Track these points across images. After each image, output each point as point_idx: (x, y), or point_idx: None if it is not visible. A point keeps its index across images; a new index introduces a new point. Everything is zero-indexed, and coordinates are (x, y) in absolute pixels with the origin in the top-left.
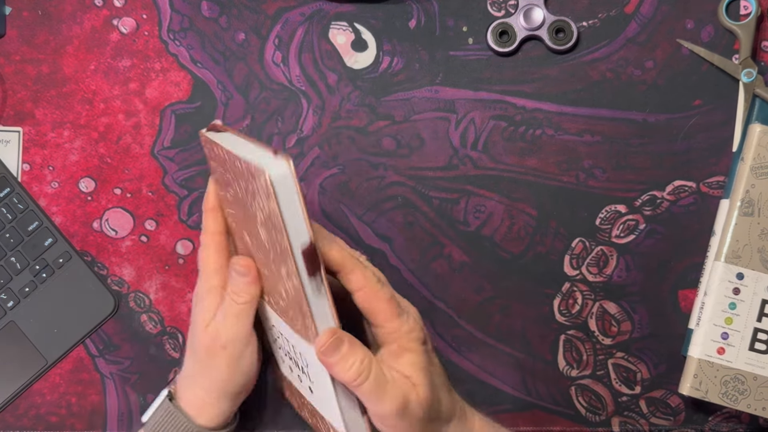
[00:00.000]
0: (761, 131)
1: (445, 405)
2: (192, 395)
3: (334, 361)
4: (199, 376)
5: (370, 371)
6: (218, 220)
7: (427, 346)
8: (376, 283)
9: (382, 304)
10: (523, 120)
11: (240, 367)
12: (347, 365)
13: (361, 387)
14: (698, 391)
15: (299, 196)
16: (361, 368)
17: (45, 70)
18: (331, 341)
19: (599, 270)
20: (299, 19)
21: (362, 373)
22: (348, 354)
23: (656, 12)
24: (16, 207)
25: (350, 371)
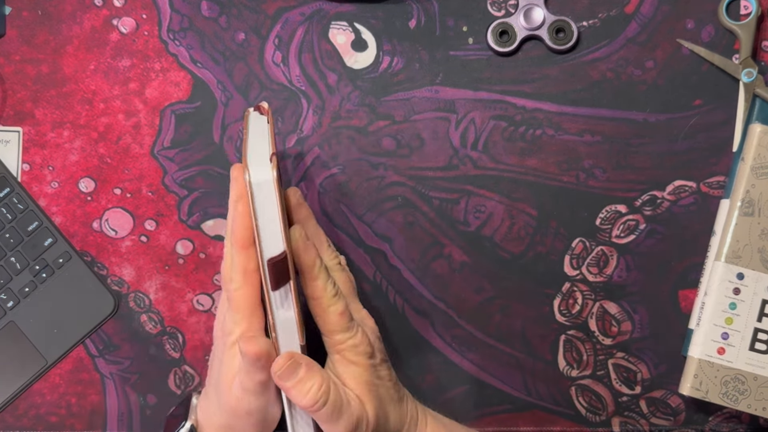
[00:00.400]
0: (761, 131)
1: (393, 419)
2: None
3: (290, 385)
4: (226, 425)
5: (327, 396)
6: (251, 257)
7: (374, 359)
8: (331, 298)
9: (332, 317)
10: (523, 120)
11: (267, 420)
12: (304, 390)
13: (318, 412)
14: (698, 391)
15: (278, 206)
16: (318, 394)
17: (45, 70)
18: (287, 365)
19: (599, 270)
20: (299, 18)
21: (320, 399)
22: (305, 378)
23: (656, 12)
24: (15, 207)
25: (307, 396)
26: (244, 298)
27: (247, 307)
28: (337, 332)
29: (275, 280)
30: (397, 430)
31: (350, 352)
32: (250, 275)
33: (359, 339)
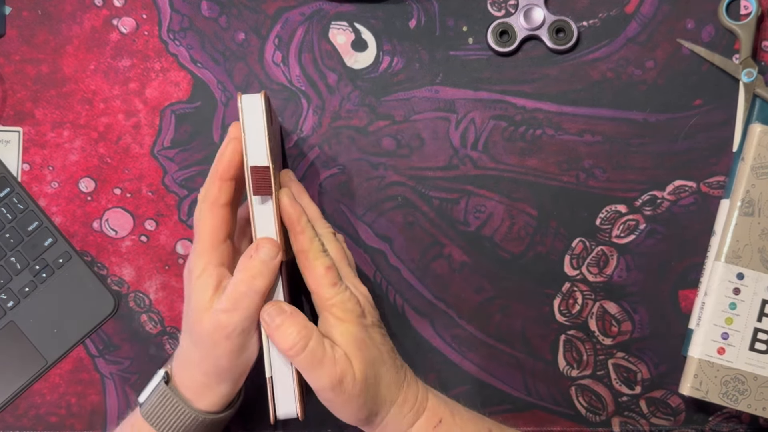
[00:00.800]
0: (761, 131)
1: (386, 383)
2: (190, 379)
3: (273, 329)
4: (198, 360)
5: (306, 342)
6: (225, 191)
7: (364, 320)
8: (317, 251)
9: (319, 270)
10: (523, 120)
11: (244, 355)
12: (286, 333)
13: (297, 358)
14: (698, 391)
15: (264, 125)
16: (297, 338)
17: (45, 69)
18: (272, 308)
19: (599, 270)
20: (299, 18)
21: (297, 343)
22: (287, 323)
23: (656, 12)
24: (15, 207)
25: (287, 339)
26: (209, 230)
27: (209, 240)
28: (324, 286)
29: (256, 187)
30: (392, 395)
31: (338, 308)
32: (218, 209)
33: (347, 296)
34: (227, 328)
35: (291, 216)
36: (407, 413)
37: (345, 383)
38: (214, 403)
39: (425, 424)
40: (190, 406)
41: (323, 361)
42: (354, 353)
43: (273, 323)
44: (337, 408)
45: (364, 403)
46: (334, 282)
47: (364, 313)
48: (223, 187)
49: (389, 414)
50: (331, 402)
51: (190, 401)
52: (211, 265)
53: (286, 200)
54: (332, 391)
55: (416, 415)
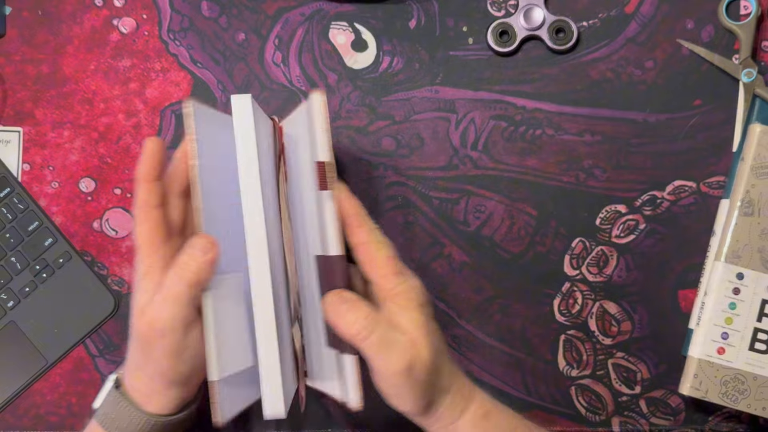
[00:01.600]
0: (761, 131)
1: (445, 374)
2: (138, 383)
3: (337, 317)
4: (142, 364)
5: (373, 328)
6: (154, 192)
7: (426, 309)
8: (377, 242)
9: (381, 261)
10: (523, 120)
11: (182, 356)
12: (349, 321)
13: (365, 343)
14: (698, 391)
15: (326, 123)
16: (363, 324)
17: (45, 70)
18: (333, 299)
19: (599, 270)
20: (299, 19)
21: (364, 329)
22: (351, 310)
23: (656, 12)
24: (16, 207)
25: (353, 327)
26: (145, 234)
27: (147, 244)
28: (388, 276)
29: (320, 181)
30: (449, 384)
31: (402, 297)
32: (150, 211)
33: (411, 285)
34: (159, 323)
35: (349, 210)
36: (459, 402)
37: (415, 368)
38: (164, 406)
39: (474, 415)
40: (141, 409)
41: (394, 346)
42: (422, 340)
43: (337, 311)
44: (402, 394)
45: (427, 389)
46: (397, 271)
47: (426, 304)
48: (149, 188)
49: (444, 403)
50: (397, 387)
51: (141, 405)
52: (153, 268)
53: (343, 195)
54: (401, 375)
55: (466, 404)
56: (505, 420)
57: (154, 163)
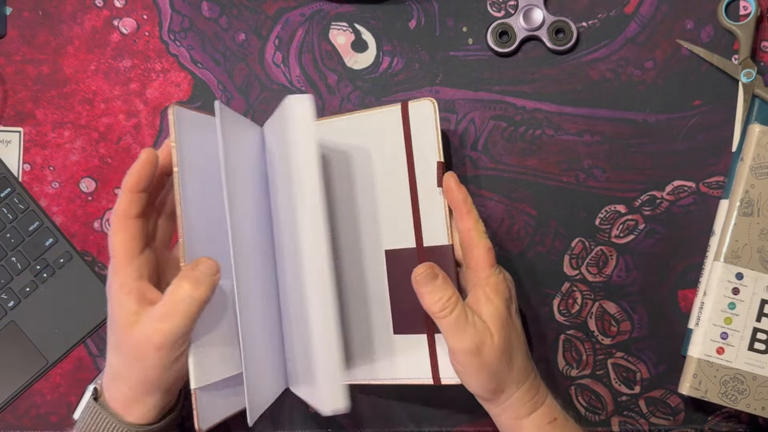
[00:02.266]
0: (760, 131)
1: (519, 368)
2: (118, 393)
3: (425, 291)
4: (125, 374)
5: (454, 308)
6: (136, 203)
7: (510, 305)
8: (482, 233)
9: (481, 250)
10: (523, 120)
11: (173, 367)
12: (436, 297)
13: (444, 320)
14: (698, 390)
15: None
16: (447, 303)
17: (45, 70)
18: (427, 272)
19: (599, 270)
20: (299, 19)
21: (446, 308)
22: (440, 287)
23: (656, 12)
24: (16, 207)
25: (437, 303)
26: (122, 244)
27: (122, 254)
28: (483, 267)
29: (439, 179)
30: (521, 379)
31: (491, 288)
32: (130, 222)
33: (501, 278)
34: (158, 337)
35: (458, 197)
36: (528, 401)
37: (483, 350)
38: (144, 415)
39: (541, 418)
40: (120, 420)
41: (467, 327)
42: (496, 328)
43: (426, 286)
44: (470, 372)
45: (495, 373)
46: (492, 263)
47: (511, 298)
48: (133, 199)
49: (513, 396)
50: (466, 366)
51: (120, 415)
52: (130, 279)
53: (453, 183)
54: (471, 354)
55: (535, 406)
56: (571, 431)
57: (143, 174)
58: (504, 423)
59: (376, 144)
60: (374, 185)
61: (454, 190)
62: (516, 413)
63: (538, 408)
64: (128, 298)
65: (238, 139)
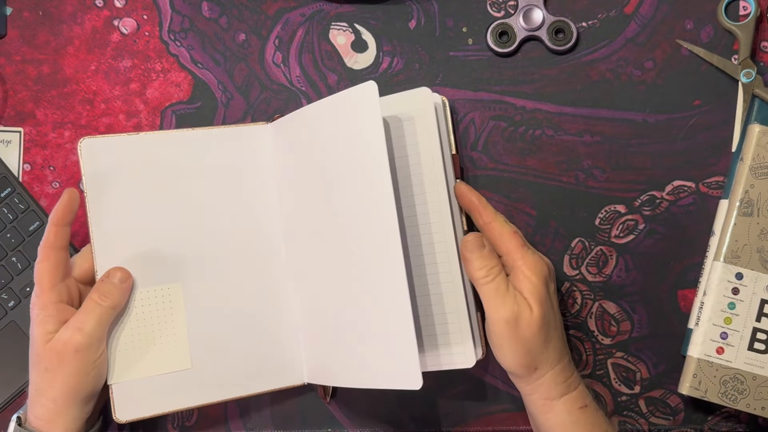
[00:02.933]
0: (760, 131)
1: (555, 348)
2: (41, 408)
3: (473, 257)
4: (47, 387)
5: (496, 276)
6: (61, 235)
7: (549, 283)
8: (503, 221)
9: (506, 235)
10: (522, 120)
11: (91, 372)
12: (480, 264)
13: (486, 287)
14: (697, 390)
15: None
16: (490, 271)
17: (46, 70)
18: (476, 240)
19: (599, 270)
20: (299, 19)
21: (489, 275)
22: (485, 256)
23: (656, 12)
24: (17, 207)
25: (481, 270)
26: (44, 272)
27: (46, 280)
28: (515, 249)
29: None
30: (554, 359)
31: (528, 267)
32: (55, 252)
33: (537, 257)
34: (75, 340)
35: (472, 197)
36: (561, 383)
37: (521, 321)
38: (68, 428)
39: (572, 402)
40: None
41: (506, 296)
42: (535, 304)
43: (473, 252)
44: (506, 344)
45: (530, 349)
46: (522, 243)
47: (550, 277)
48: (58, 232)
49: (546, 375)
50: (502, 337)
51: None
52: (51, 303)
53: (464, 188)
54: (508, 324)
55: (567, 389)
56: (598, 421)
57: (67, 211)
58: (534, 403)
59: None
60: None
61: (467, 191)
62: (548, 393)
63: (570, 392)
64: (48, 319)
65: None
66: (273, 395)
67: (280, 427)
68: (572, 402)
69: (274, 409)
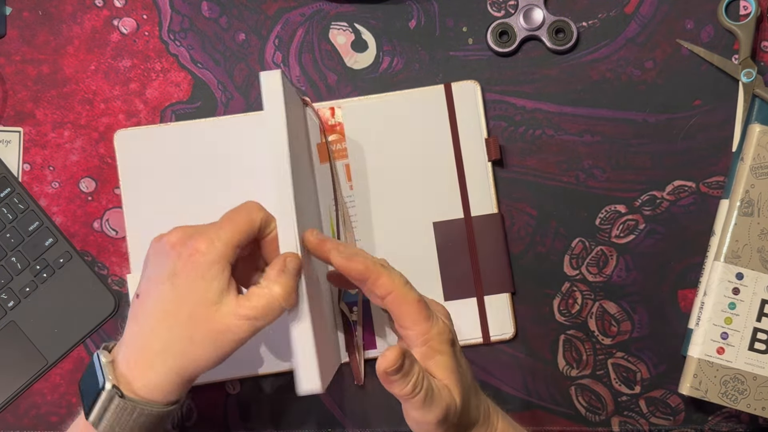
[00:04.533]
0: (761, 131)
1: (473, 408)
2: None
3: (396, 379)
4: (176, 352)
5: (423, 384)
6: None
7: (455, 347)
8: (403, 287)
9: (412, 306)
10: (523, 120)
11: (222, 360)
12: (404, 382)
13: (414, 399)
14: (698, 390)
15: None
16: (416, 382)
17: (45, 70)
18: (394, 365)
19: (599, 270)
20: (299, 19)
21: (417, 386)
22: (407, 371)
23: (656, 12)
24: (16, 207)
25: (408, 386)
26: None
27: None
28: (420, 322)
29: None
30: (474, 419)
31: (435, 341)
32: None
33: (441, 326)
34: (242, 334)
35: (361, 270)
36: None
37: (449, 416)
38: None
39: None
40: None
41: (433, 399)
42: (453, 385)
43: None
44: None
45: (457, 431)
46: (428, 315)
47: (455, 340)
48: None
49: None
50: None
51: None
52: (225, 259)
53: (357, 263)
54: (440, 422)
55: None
56: None
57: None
58: None
59: (419, 122)
60: (419, 161)
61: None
62: None
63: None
64: (223, 275)
65: None
66: (273, 395)
67: (280, 427)
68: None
69: (274, 409)
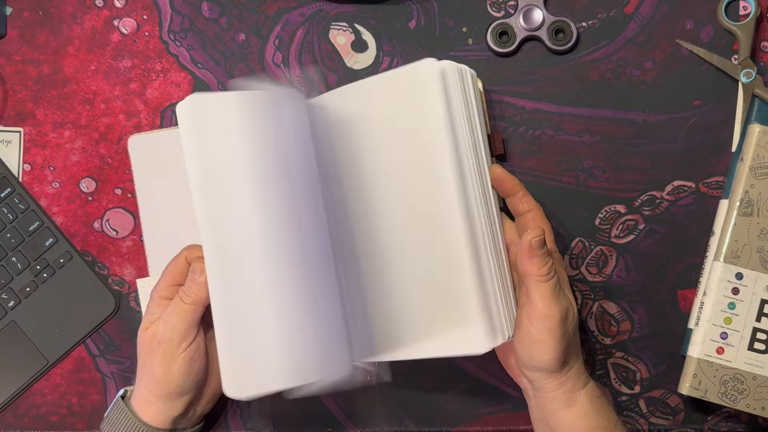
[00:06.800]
0: (760, 131)
1: (576, 345)
2: (138, 393)
3: (539, 254)
4: (142, 374)
5: (555, 275)
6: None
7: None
8: (542, 211)
9: (547, 227)
10: (523, 120)
11: (175, 363)
12: (543, 261)
13: (545, 284)
14: (697, 390)
15: None
16: (551, 267)
17: (46, 70)
18: (541, 238)
19: (599, 270)
20: (299, 19)
21: (550, 272)
22: (547, 253)
23: (656, 12)
24: (17, 207)
25: (544, 267)
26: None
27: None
28: (551, 243)
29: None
30: (579, 353)
31: (559, 265)
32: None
33: (558, 258)
34: (159, 333)
35: (513, 184)
36: (582, 374)
37: (569, 317)
38: (155, 419)
39: (593, 390)
40: (137, 418)
41: (560, 294)
42: (573, 301)
43: (539, 249)
44: (548, 340)
45: (567, 346)
46: (551, 242)
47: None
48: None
49: (572, 369)
50: (552, 332)
51: (138, 414)
52: (159, 298)
53: (500, 169)
54: (560, 321)
55: (587, 380)
56: (610, 408)
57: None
58: (559, 398)
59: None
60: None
61: (506, 177)
62: (573, 385)
63: (590, 382)
64: (155, 306)
65: None
66: (273, 395)
67: (280, 427)
68: (593, 390)
69: (274, 409)
